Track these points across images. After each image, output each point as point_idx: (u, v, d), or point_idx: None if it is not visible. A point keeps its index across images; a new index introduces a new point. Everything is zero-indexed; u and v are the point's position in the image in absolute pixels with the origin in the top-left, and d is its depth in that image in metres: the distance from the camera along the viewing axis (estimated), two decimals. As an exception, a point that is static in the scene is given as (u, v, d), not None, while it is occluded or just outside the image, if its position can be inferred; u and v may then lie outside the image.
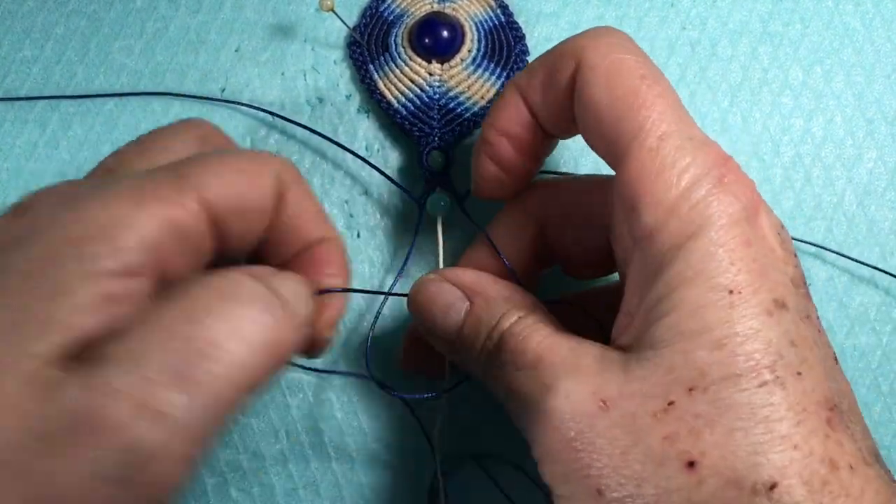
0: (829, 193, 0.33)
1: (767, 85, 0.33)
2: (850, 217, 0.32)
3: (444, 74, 0.31)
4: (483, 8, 0.32)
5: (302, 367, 0.31)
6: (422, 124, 0.31)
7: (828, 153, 0.33)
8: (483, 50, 0.32)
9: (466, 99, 0.31)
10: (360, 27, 0.32)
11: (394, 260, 0.32)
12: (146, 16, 0.33)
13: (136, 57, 0.33)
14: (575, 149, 0.32)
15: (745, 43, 0.33)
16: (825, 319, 0.32)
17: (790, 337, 0.20)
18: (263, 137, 0.32)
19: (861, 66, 0.33)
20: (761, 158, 0.33)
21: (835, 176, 0.33)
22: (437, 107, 0.31)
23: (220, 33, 0.33)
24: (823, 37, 0.33)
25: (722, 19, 0.33)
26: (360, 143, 0.32)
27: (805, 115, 0.33)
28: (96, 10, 0.33)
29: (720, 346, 0.19)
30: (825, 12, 0.34)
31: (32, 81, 0.33)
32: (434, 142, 0.31)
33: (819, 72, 0.33)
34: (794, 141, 0.33)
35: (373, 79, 0.32)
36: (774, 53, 0.33)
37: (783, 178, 0.32)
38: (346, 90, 0.33)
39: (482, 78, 0.31)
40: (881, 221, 0.32)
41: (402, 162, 0.32)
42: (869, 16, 0.34)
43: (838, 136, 0.33)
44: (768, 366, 0.19)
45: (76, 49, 0.33)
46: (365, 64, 0.32)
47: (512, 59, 0.32)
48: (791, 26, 0.33)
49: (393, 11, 0.32)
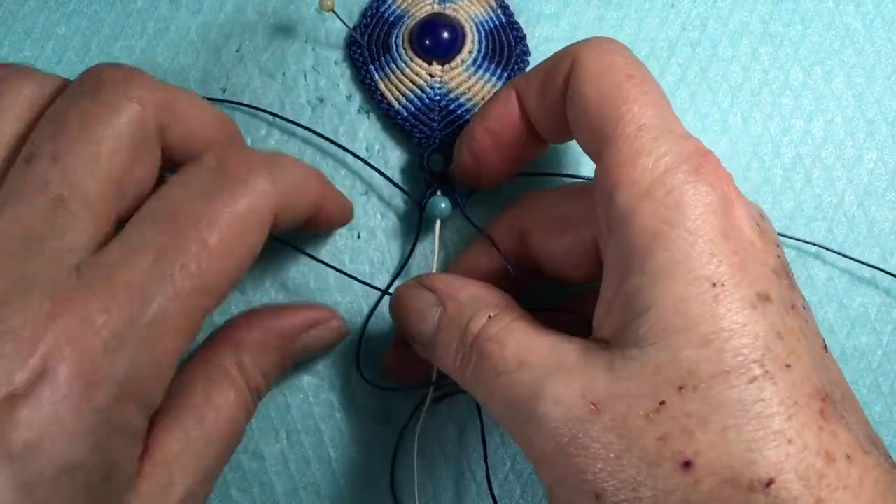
0: (830, 194, 0.33)
1: (768, 86, 0.33)
2: (851, 218, 0.32)
3: (445, 76, 0.31)
4: (484, 9, 0.32)
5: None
6: (422, 125, 0.31)
7: (828, 154, 0.33)
8: (484, 51, 0.32)
9: (467, 100, 0.31)
10: (361, 27, 0.32)
11: (394, 261, 0.32)
12: (147, 16, 0.33)
13: (137, 57, 0.33)
14: (578, 150, 0.32)
15: (746, 44, 0.33)
16: (825, 319, 0.32)
17: (777, 329, 0.20)
18: (264, 137, 0.32)
19: (862, 66, 0.33)
20: (762, 159, 0.33)
21: (835, 177, 0.33)
22: (437, 108, 0.31)
23: (220, 34, 0.33)
24: (824, 37, 0.33)
25: (722, 20, 0.33)
26: (360, 143, 0.32)
27: (805, 116, 0.33)
28: (97, 10, 0.33)
29: (707, 343, 0.19)
30: (826, 13, 0.34)
31: (33, 82, 0.33)
32: (434, 143, 0.31)
33: (820, 73, 0.33)
34: (794, 142, 0.33)
35: (373, 79, 0.32)
36: (775, 54, 0.33)
37: (783, 179, 0.33)
38: (347, 90, 0.33)
39: (483, 79, 0.31)
40: (882, 222, 0.32)
41: (403, 163, 0.32)
42: (870, 16, 0.34)
43: (839, 136, 0.33)
44: (757, 360, 0.19)
45: (77, 49, 0.33)
46: (365, 64, 0.32)
47: (513, 59, 0.32)
48: (792, 27, 0.33)
49: (393, 12, 0.32)
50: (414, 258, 0.31)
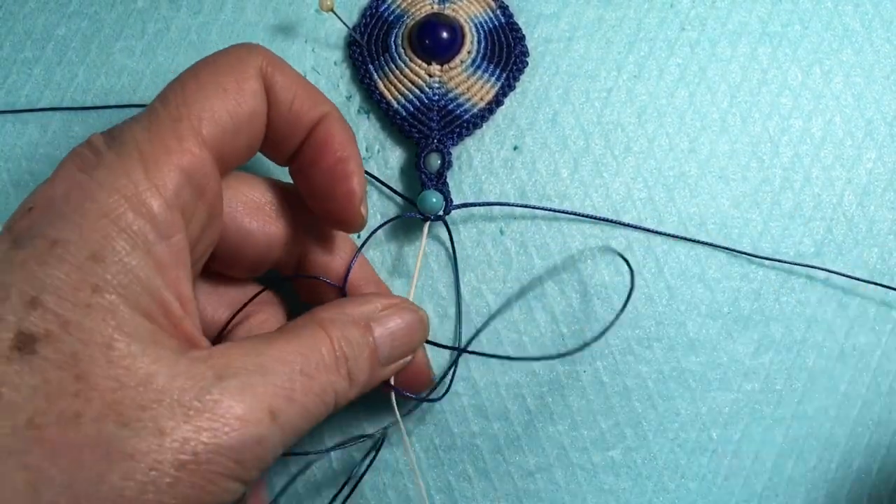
0: (829, 194, 0.33)
1: (766, 85, 0.33)
2: (850, 217, 0.32)
3: (444, 76, 0.31)
4: (483, 9, 0.33)
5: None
6: (421, 125, 0.31)
7: (827, 153, 0.33)
8: (483, 51, 0.32)
9: (466, 100, 0.31)
10: (360, 27, 0.33)
11: (394, 262, 0.32)
12: (147, 17, 0.33)
13: (137, 58, 0.33)
14: (576, 150, 0.32)
15: (745, 43, 0.33)
16: (824, 319, 0.32)
17: None
18: (264, 138, 0.32)
19: (860, 66, 0.33)
20: (760, 159, 0.33)
21: (834, 176, 0.33)
22: (436, 108, 0.31)
23: (221, 34, 0.33)
24: (822, 37, 0.33)
25: (721, 20, 0.33)
26: (360, 144, 0.32)
27: (804, 116, 0.33)
28: (98, 11, 0.33)
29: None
30: (824, 13, 0.34)
31: (34, 82, 0.33)
32: (433, 143, 0.31)
33: (818, 72, 0.33)
34: (793, 141, 0.33)
35: (372, 79, 0.32)
36: (773, 54, 0.33)
37: (782, 179, 0.33)
38: (347, 91, 0.33)
39: (482, 79, 0.31)
40: (880, 222, 0.33)
41: (403, 163, 0.32)
42: (868, 16, 0.34)
43: (837, 136, 0.33)
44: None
45: (77, 50, 0.33)
46: (365, 64, 0.32)
47: (512, 60, 0.32)
48: (790, 27, 0.33)
49: (393, 12, 0.33)
50: (412, 260, 0.31)
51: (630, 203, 0.32)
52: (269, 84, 0.24)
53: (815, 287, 0.32)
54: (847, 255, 0.32)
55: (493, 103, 0.32)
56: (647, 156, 0.32)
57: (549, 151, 0.32)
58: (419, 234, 0.31)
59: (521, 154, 0.32)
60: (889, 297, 0.32)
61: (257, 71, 0.24)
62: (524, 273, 0.32)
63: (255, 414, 0.21)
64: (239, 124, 0.23)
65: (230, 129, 0.23)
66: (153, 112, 0.22)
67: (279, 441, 0.21)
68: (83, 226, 0.20)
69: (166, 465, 0.19)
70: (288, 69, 0.25)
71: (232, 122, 0.23)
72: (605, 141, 0.32)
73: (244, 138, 0.24)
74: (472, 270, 0.32)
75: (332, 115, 0.26)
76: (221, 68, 0.23)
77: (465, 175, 0.32)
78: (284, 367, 0.22)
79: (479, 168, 0.32)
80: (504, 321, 0.31)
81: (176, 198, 0.21)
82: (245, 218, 0.27)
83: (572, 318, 0.31)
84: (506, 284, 0.32)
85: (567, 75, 0.33)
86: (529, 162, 0.32)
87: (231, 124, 0.23)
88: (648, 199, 0.32)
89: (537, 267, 0.32)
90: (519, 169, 0.32)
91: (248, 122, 0.24)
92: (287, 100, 0.25)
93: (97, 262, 0.20)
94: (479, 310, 0.31)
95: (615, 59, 0.33)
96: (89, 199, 0.20)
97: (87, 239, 0.20)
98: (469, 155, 0.32)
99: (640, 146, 0.32)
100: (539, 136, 0.32)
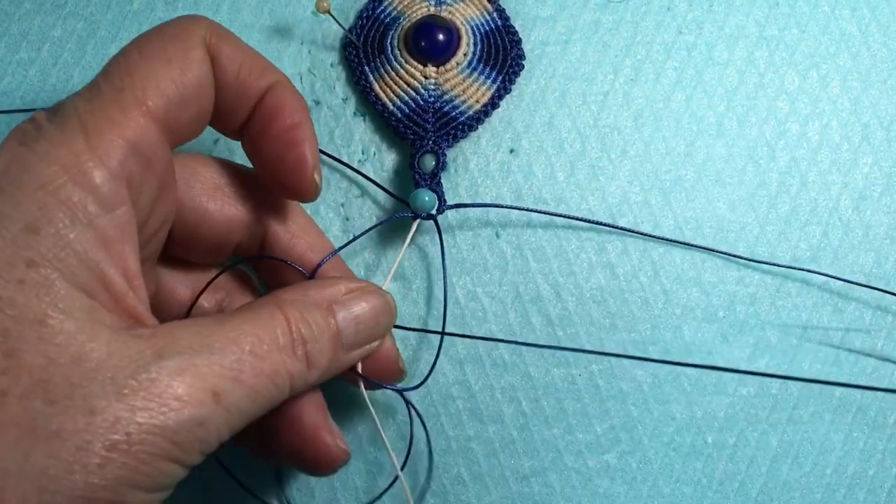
0: (825, 198, 0.33)
1: (763, 89, 0.33)
2: (846, 221, 0.32)
3: (440, 78, 0.31)
4: (479, 11, 0.32)
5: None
6: (416, 127, 0.31)
7: (823, 158, 0.33)
8: (479, 54, 0.32)
9: (461, 102, 0.31)
10: (356, 29, 0.33)
11: (389, 265, 0.32)
12: (143, 18, 0.33)
13: (132, 59, 0.33)
14: (572, 153, 0.32)
15: (742, 47, 0.33)
16: (821, 322, 0.32)
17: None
18: (259, 140, 0.32)
19: (857, 70, 0.33)
20: (757, 163, 0.33)
21: (831, 181, 0.33)
22: (431, 110, 0.31)
23: (216, 36, 0.33)
24: (819, 42, 0.33)
25: (718, 24, 0.33)
26: (356, 146, 0.32)
27: (801, 120, 0.33)
28: (93, 12, 0.33)
29: None
30: (821, 17, 0.34)
31: (29, 84, 0.33)
32: (428, 145, 0.31)
33: (815, 77, 0.33)
34: (790, 145, 0.33)
35: (368, 81, 0.32)
36: (770, 58, 0.33)
37: (779, 183, 0.33)
38: (343, 93, 0.33)
39: (477, 82, 0.31)
40: (876, 226, 0.32)
41: (398, 165, 0.32)
42: (865, 21, 0.34)
43: (834, 140, 0.33)
44: None
45: (73, 51, 0.33)
46: (361, 66, 0.32)
47: (508, 63, 0.32)
48: (787, 31, 0.33)
49: (389, 14, 0.32)
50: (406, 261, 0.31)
51: (626, 206, 0.32)
52: (215, 53, 0.24)
53: (811, 291, 0.32)
54: (843, 259, 0.32)
55: (489, 106, 0.32)
56: (643, 159, 0.32)
57: (546, 154, 0.32)
58: (415, 236, 0.31)
59: (517, 157, 0.32)
60: (885, 301, 0.32)
61: (201, 40, 0.24)
62: (520, 276, 0.31)
63: (196, 395, 0.20)
64: (185, 94, 0.23)
65: (176, 99, 0.22)
66: (95, 85, 0.22)
67: (224, 423, 0.21)
68: (19, 198, 0.19)
69: (96, 444, 0.18)
70: (234, 38, 0.25)
71: (178, 91, 0.23)
72: (601, 144, 0.32)
73: (192, 109, 0.23)
74: (468, 274, 0.32)
75: (282, 84, 0.25)
76: (165, 39, 0.23)
77: (461, 178, 0.32)
78: (233, 346, 0.21)
79: (475, 171, 0.32)
80: (500, 324, 0.31)
81: (120, 168, 0.21)
82: (202, 197, 0.26)
83: (568, 321, 0.31)
84: (501, 288, 0.31)
85: (563, 78, 0.33)
86: (525, 165, 0.32)
87: (177, 94, 0.22)
88: (645, 203, 0.32)
89: (533, 270, 0.32)
90: (515, 172, 0.32)
91: (194, 92, 0.23)
92: (233, 69, 0.24)
93: (32, 234, 0.19)
94: (475, 313, 0.31)
95: (612, 62, 0.33)
96: (27, 171, 0.20)
97: (22, 211, 0.19)
98: (465, 158, 0.32)
99: (637, 150, 0.32)
100: (535, 140, 0.32)
